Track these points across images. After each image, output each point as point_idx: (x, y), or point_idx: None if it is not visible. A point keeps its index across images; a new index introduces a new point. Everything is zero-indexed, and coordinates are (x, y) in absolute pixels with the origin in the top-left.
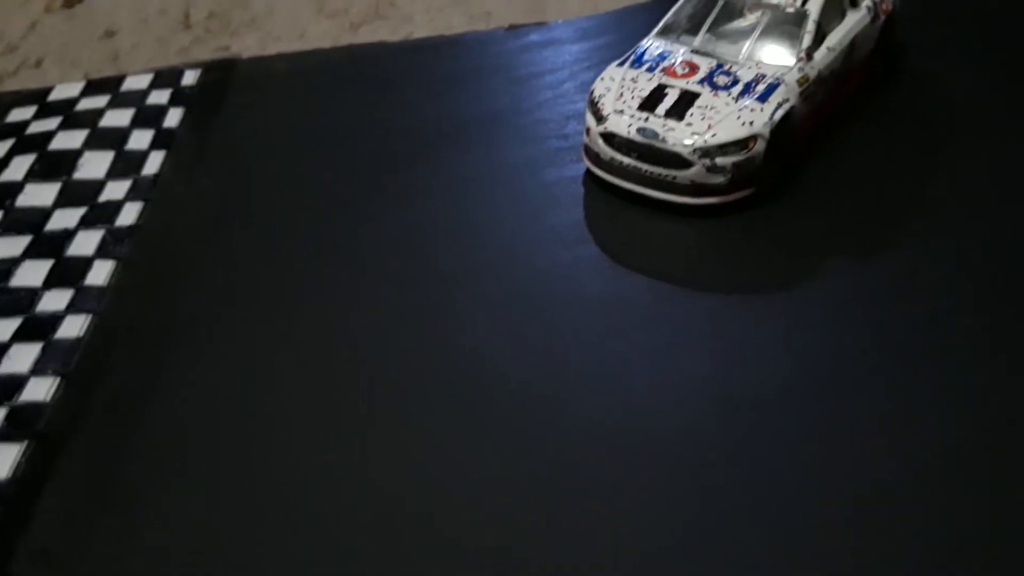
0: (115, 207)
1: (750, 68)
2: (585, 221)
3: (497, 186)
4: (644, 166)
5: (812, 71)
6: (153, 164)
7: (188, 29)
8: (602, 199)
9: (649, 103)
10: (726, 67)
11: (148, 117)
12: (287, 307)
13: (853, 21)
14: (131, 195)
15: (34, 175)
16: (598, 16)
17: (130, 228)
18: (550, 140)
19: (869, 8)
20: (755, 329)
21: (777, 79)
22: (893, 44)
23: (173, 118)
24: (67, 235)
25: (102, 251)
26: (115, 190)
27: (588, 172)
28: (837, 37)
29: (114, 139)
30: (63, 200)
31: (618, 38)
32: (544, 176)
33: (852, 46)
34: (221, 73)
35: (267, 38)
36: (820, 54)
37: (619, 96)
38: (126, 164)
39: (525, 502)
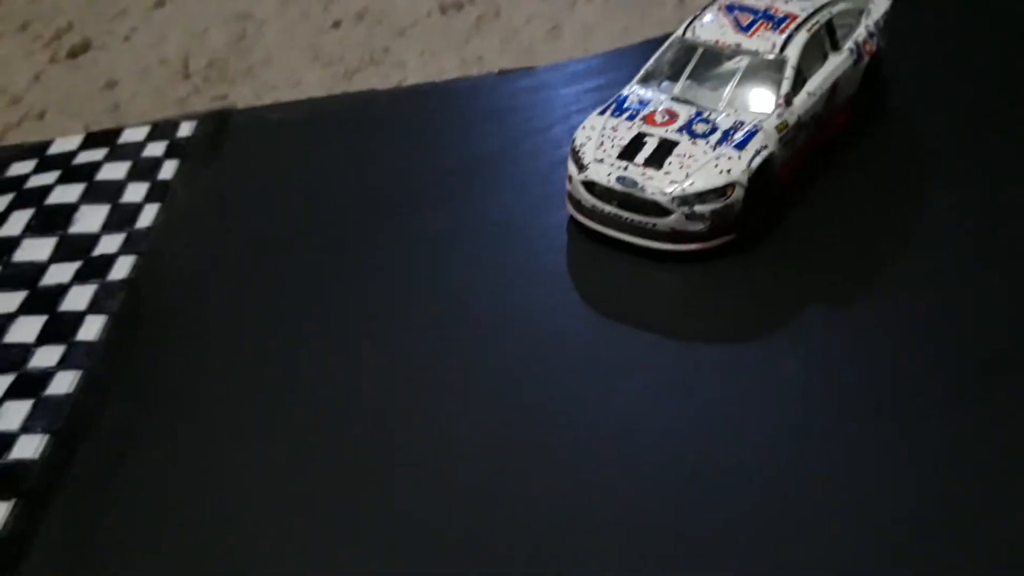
0: (108, 261)
1: (729, 115)
2: (568, 269)
3: (482, 234)
4: (625, 214)
5: (791, 117)
6: (147, 217)
7: (187, 79)
8: (585, 246)
9: (628, 152)
10: (705, 115)
11: (144, 170)
12: (274, 368)
13: (835, 64)
14: (124, 249)
15: (31, 230)
16: (588, 59)
17: (122, 282)
18: (536, 187)
19: (852, 50)
20: (733, 380)
21: (755, 126)
22: (878, 84)
23: (168, 170)
24: (61, 290)
25: (94, 306)
26: (109, 244)
27: (572, 219)
28: (818, 81)
29: (110, 192)
30: (58, 255)
31: (608, 81)
32: (529, 222)
33: (834, 89)
34: (216, 124)
35: (263, 87)
36: (800, 99)
37: (600, 145)
38: (121, 218)
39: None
